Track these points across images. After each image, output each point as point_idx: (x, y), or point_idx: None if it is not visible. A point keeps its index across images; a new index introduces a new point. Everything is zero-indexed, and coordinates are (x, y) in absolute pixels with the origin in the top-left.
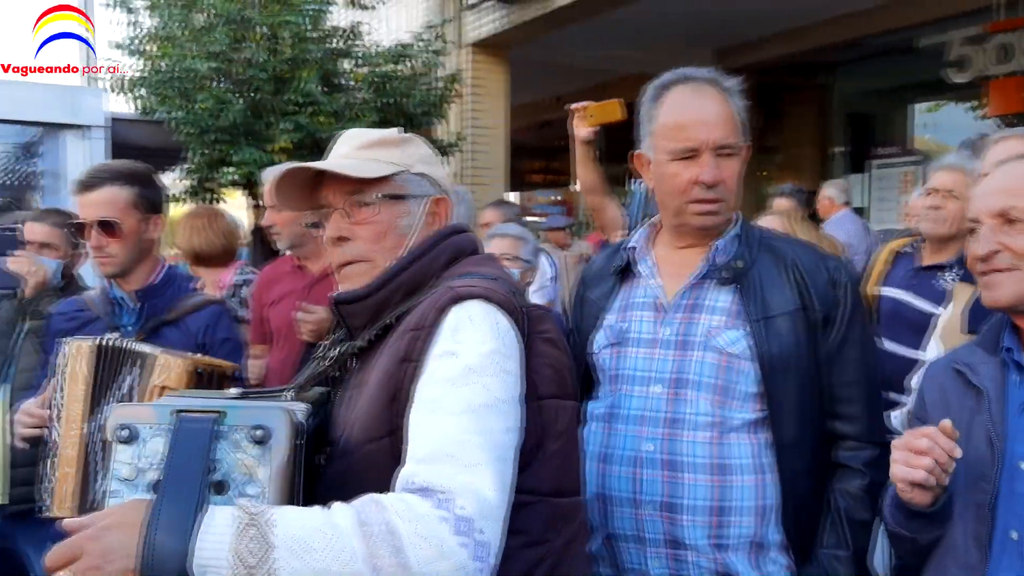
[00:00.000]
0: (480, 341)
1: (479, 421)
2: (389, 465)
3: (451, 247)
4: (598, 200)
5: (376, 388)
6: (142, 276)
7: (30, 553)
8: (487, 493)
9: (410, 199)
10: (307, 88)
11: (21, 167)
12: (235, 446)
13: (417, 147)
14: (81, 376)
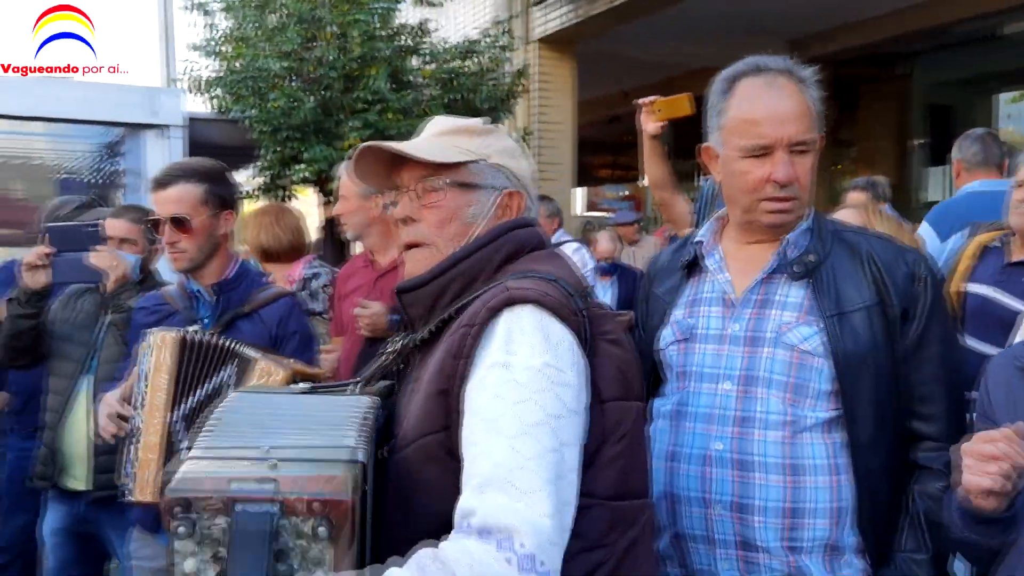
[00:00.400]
0: (531, 355)
1: (533, 442)
2: (443, 459)
3: (512, 241)
4: (666, 195)
5: (429, 383)
6: (216, 271)
7: (113, 538)
8: (545, 521)
9: (480, 189)
10: (376, 86)
11: (105, 166)
12: (297, 533)
13: (499, 139)
14: (165, 366)
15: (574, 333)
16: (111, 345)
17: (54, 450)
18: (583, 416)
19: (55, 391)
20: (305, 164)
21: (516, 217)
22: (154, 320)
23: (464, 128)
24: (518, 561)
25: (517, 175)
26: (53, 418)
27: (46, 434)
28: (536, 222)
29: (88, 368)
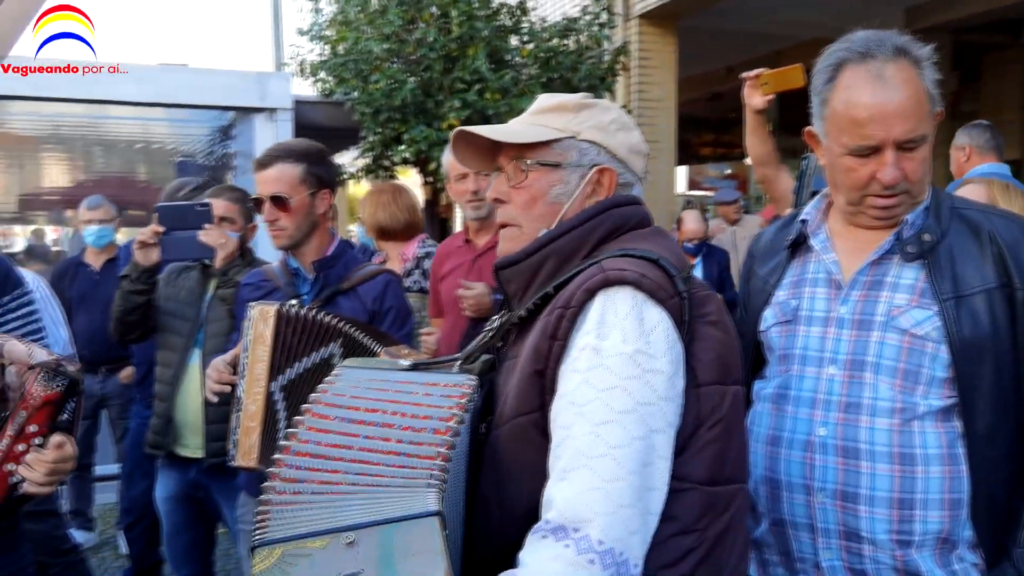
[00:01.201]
0: (622, 340)
1: (619, 430)
2: (536, 439)
3: (612, 219)
4: (769, 172)
5: (525, 363)
6: (316, 248)
7: (222, 503)
8: (623, 511)
9: (567, 167)
10: (475, 66)
11: (218, 149)
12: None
13: (596, 113)
14: (264, 338)
15: (671, 316)
16: (219, 319)
17: (168, 419)
18: (676, 402)
19: (165, 364)
20: (406, 145)
21: (617, 194)
22: (258, 295)
23: (559, 105)
24: (600, 559)
25: (612, 150)
26: (165, 389)
27: (158, 405)
28: (640, 199)
29: (196, 341)
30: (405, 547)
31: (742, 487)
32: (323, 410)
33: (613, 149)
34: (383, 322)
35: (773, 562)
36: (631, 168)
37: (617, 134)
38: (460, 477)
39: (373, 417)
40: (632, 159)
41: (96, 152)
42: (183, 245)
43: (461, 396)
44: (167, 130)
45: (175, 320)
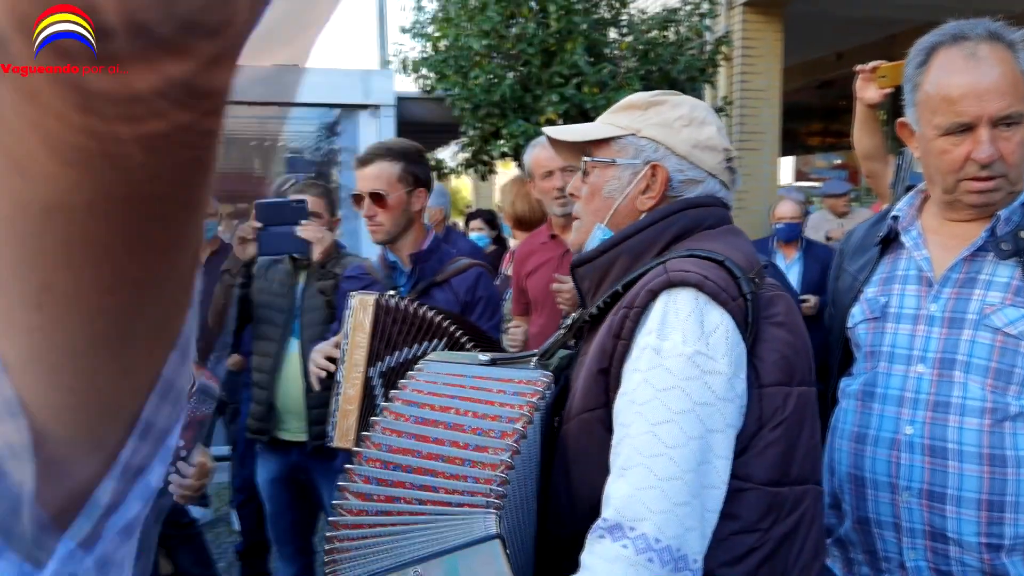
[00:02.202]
0: (682, 342)
1: (676, 430)
2: (601, 434)
3: (685, 219)
4: (876, 167)
5: (592, 360)
6: (412, 243)
7: (322, 486)
8: (680, 509)
9: (622, 164)
10: (573, 60)
11: (323, 145)
12: None
13: (663, 110)
14: (364, 326)
15: (734, 318)
16: (315, 309)
17: (270, 405)
18: (736, 403)
19: (263, 353)
20: (505, 139)
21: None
22: (358, 287)
23: (629, 103)
24: (659, 556)
25: (671, 147)
26: (265, 377)
27: (258, 392)
28: (719, 199)
29: (293, 331)
30: (470, 572)
31: (812, 488)
32: (400, 408)
33: (673, 145)
34: (473, 312)
35: (858, 561)
36: (697, 164)
37: (682, 131)
38: (532, 472)
39: (444, 417)
40: (697, 155)
41: None
42: (280, 240)
43: (533, 394)
44: (278, 127)
45: (270, 311)
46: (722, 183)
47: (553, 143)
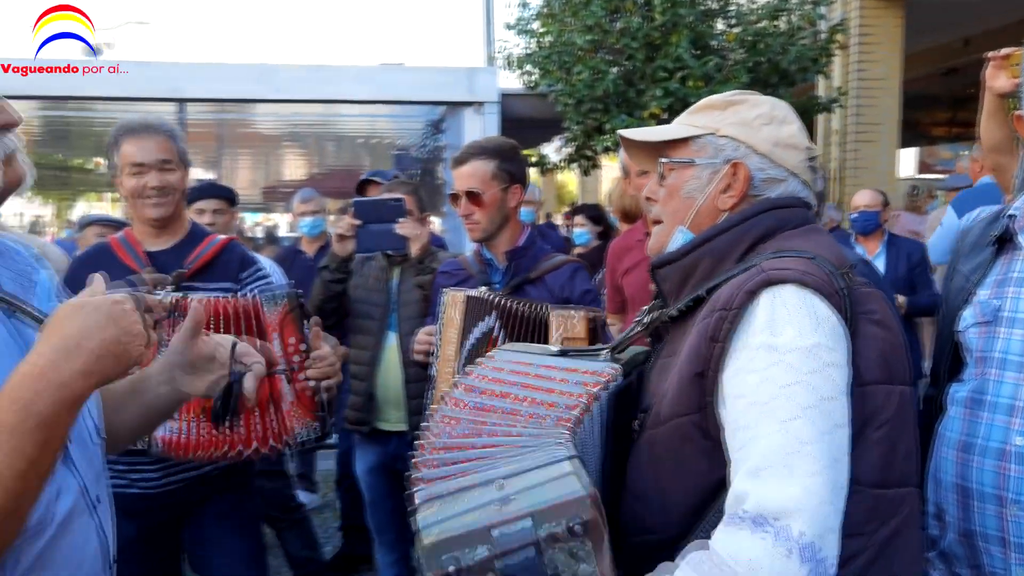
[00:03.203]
0: (799, 335)
1: (809, 425)
2: (696, 439)
3: (770, 220)
4: (1002, 160)
5: (685, 364)
6: (508, 240)
7: None
8: (824, 507)
9: (701, 164)
10: (678, 53)
11: (429, 142)
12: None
13: (742, 109)
14: (454, 322)
15: (838, 313)
16: (411, 303)
17: (369, 396)
18: (849, 398)
19: (360, 346)
20: (608, 134)
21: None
22: (452, 283)
23: (708, 103)
24: (799, 552)
25: (752, 145)
26: (363, 370)
27: (357, 384)
28: (804, 199)
29: (390, 324)
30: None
31: (912, 491)
32: (461, 395)
33: (753, 144)
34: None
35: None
36: (779, 163)
37: (762, 129)
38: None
39: (502, 404)
40: (778, 153)
41: (328, 147)
42: (378, 237)
43: (595, 384)
44: (387, 125)
45: (366, 306)
46: (804, 182)
47: (626, 146)
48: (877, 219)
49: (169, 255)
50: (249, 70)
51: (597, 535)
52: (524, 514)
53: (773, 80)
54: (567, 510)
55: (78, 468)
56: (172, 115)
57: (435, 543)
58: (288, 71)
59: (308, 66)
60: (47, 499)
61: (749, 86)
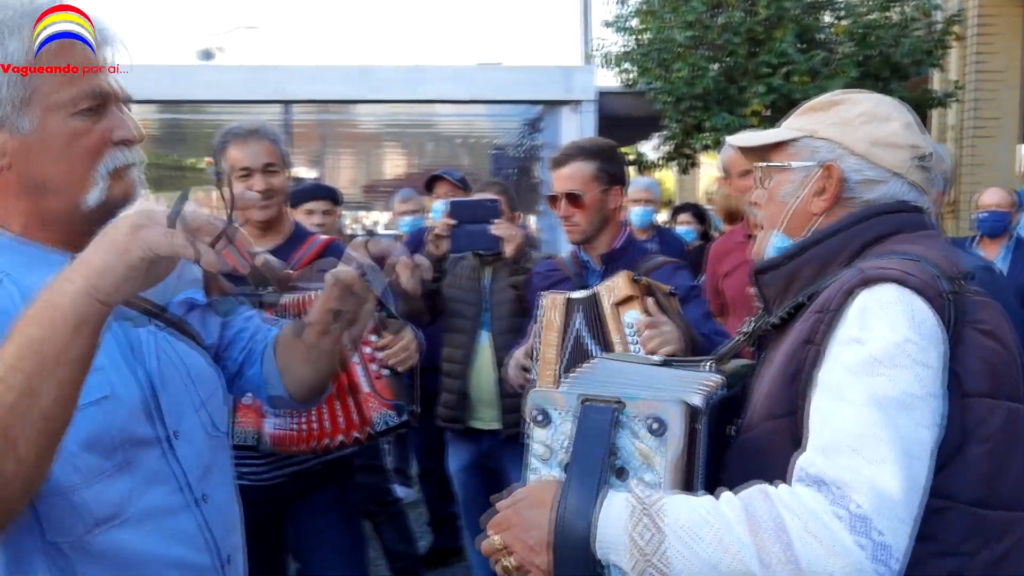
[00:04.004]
0: (889, 329)
1: (884, 415)
2: (787, 445)
3: (880, 225)
4: None
5: (778, 367)
6: (606, 241)
7: (512, 473)
8: (889, 491)
9: (795, 167)
10: (782, 48)
11: (526, 141)
12: (633, 434)
13: (844, 108)
14: (554, 325)
15: (938, 315)
16: (504, 302)
17: (463, 395)
18: (941, 402)
19: (454, 344)
20: (707, 132)
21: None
22: (547, 284)
23: (811, 105)
24: (850, 519)
25: (848, 145)
26: (457, 368)
27: (450, 382)
28: (915, 204)
29: (483, 323)
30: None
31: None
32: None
33: (849, 144)
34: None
35: None
36: (877, 163)
37: (860, 128)
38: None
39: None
40: (876, 153)
41: (426, 146)
42: (473, 237)
43: (713, 382)
44: (485, 124)
45: (459, 305)
46: (912, 184)
47: (742, 150)
48: (1007, 220)
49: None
50: (350, 71)
51: (674, 447)
52: (614, 398)
53: (884, 74)
54: (654, 408)
55: (180, 462)
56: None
57: (532, 396)
58: (388, 72)
59: (407, 67)
60: (127, 492)
61: (859, 81)
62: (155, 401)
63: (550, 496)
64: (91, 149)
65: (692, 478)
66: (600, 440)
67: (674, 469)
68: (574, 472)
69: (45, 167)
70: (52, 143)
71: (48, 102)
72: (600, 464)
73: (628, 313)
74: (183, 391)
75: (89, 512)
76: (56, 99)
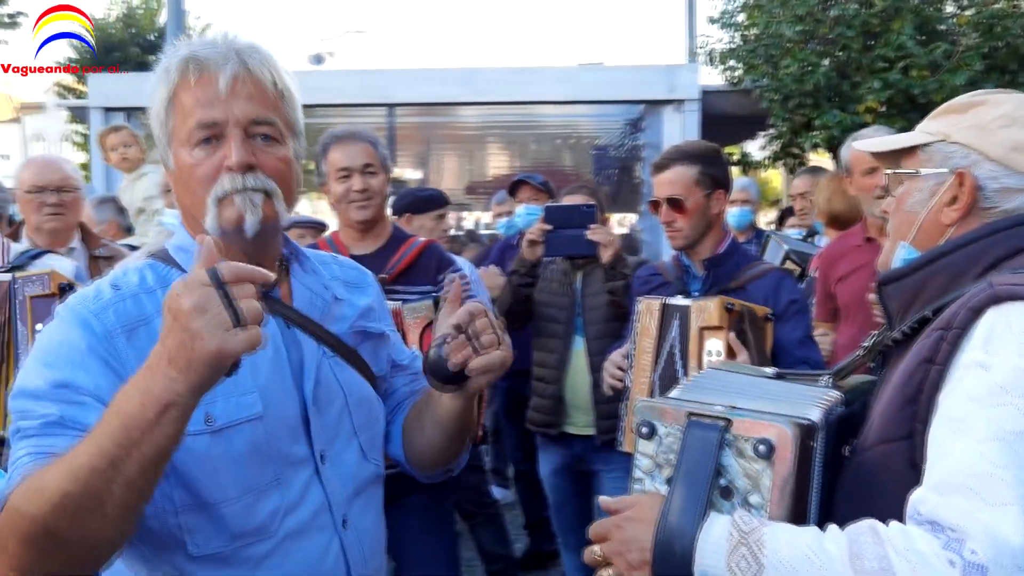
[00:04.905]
0: (1017, 354)
1: (1009, 451)
2: (903, 470)
3: (1016, 237)
4: None
5: (897, 387)
6: (709, 247)
7: (604, 478)
8: (1010, 538)
9: (924, 174)
10: (900, 40)
11: (627, 141)
12: (740, 454)
13: (983, 110)
14: (650, 331)
15: None
16: (598, 307)
17: (558, 399)
18: None
19: (547, 349)
20: (818, 131)
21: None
22: (648, 290)
23: (948, 107)
24: (963, 567)
25: (983, 151)
26: (551, 373)
27: (544, 387)
28: None
29: (576, 328)
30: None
31: None
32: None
33: (985, 149)
34: (783, 316)
35: None
36: (1017, 169)
37: (998, 132)
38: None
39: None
40: (1016, 159)
41: (528, 146)
42: (568, 242)
43: (831, 398)
44: (587, 124)
45: (551, 309)
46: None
47: (874, 155)
48: None
49: (374, 259)
50: (453, 74)
51: (782, 470)
52: (722, 416)
53: (1012, 67)
54: (762, 428)
55: (326, 486)
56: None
57: (639, 408)
58: (490, 74)
59: (509, 68)
60: (275, 509)
61: (983, 74)
62: (306, 422)
63: (653, 514)
64: (204, 178)
65: (804, 500)
66: (705, 459)
67: (781, 493)
68: (678, 491)
69: (180, 198)
70: (180, 176)
71: (177, 139)
72: (704, 485)
73: (711, 341)
74: (340, 416)
75: (236, 527)
76: (179, 135)
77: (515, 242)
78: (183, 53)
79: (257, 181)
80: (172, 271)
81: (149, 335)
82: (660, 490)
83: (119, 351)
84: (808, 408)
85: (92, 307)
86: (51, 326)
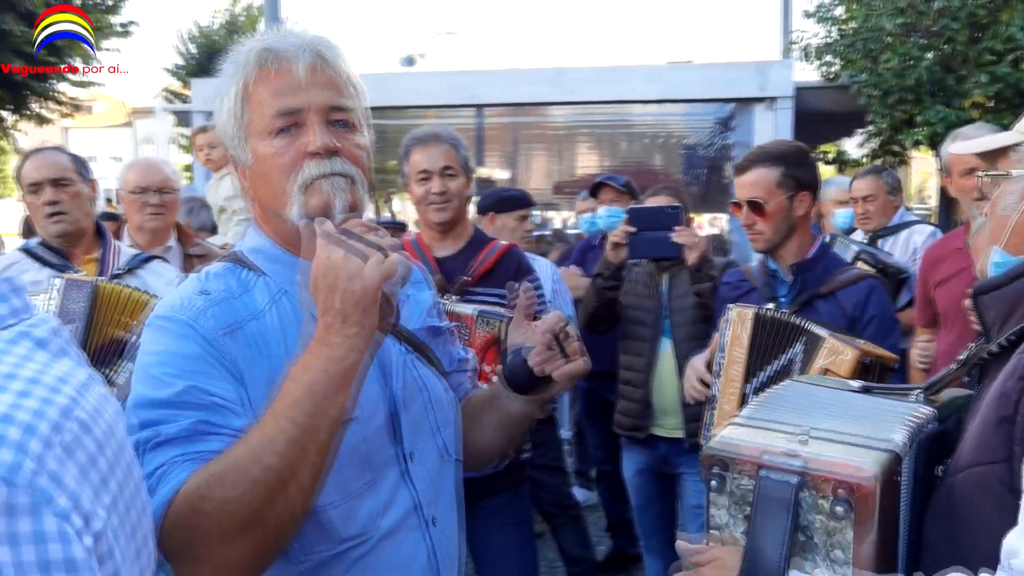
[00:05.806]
0: None
1: None
2: (998, 496)
3: None
4: None
5: (990, 405)
6: (795, 251)
7: (687, 480)
8: None
9: (1016, 176)
10: (1009, 32)
11: (717, 140)
12: (817, 510)
13: None
14: (741, 340)
15: None
16: (685, 309)
17: (646, 403)
18: None
19: (634, 352)
20: (920, 127)
21: None
22: (735, 295)
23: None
24: None
25: None
26: (639, 376)
27: (631, 390)
28: None
29: (663, 331)
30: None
31: None
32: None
33: None
34: (865, 330)
35: None
36: None
37: None
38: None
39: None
40: None
41: (618, 145)
42: (653, 244)
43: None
44: (676, 123)
45: (637, 311)
46: None
47: (978, 155)
48: None
49: (455, 261)
50: (541, 74)
51: (864, 526)
52: (796, 470)
53: None
54: (838, 479)
55: (415, 485)
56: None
57: (707, 454)
58: (579, 73)
59: (598, 68)
60: (372, 512)
61: None
62: (395, 421)
63: (732, 567)
64: (286, 166)
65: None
66: (779, 517)
67: (863, 544)
68: (754, 545)
69: (260, 191)
70: (260, 168)
71: (255, 131)
72: (779, 545)
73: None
74: (423, 414)
75: (338, 531)
76: (257, 127)
77: (596, 242)
78: (256, 46)
79: (342, 166)
80: (250, 274)
81: (245, 338)
82: (739, 539)
83: (229, 353)
84: (892, 429)
85: (189, 314)
86: (151, 337)
